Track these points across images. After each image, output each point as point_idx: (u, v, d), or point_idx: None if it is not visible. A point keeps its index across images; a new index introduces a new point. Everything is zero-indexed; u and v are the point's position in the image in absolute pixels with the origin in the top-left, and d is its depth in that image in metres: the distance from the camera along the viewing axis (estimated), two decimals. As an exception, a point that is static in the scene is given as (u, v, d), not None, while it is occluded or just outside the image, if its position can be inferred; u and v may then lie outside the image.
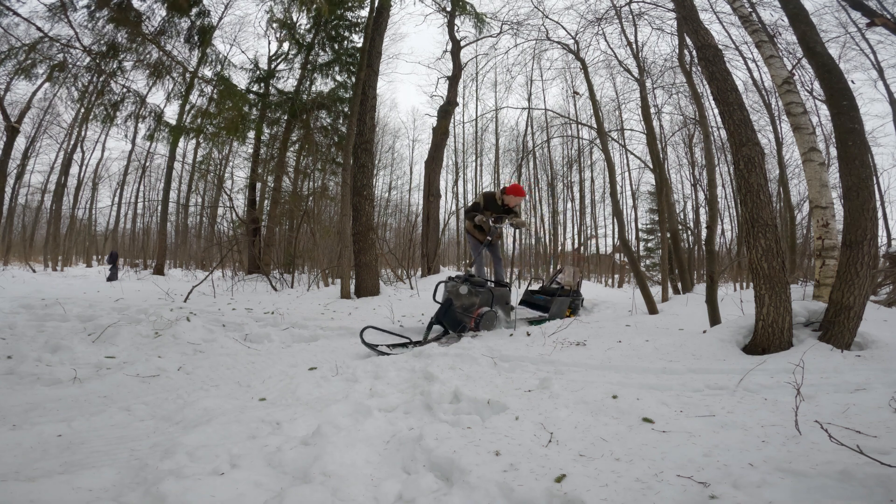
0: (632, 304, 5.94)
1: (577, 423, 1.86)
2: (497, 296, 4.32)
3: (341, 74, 9.79)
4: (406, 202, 23.38)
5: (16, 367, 2.66)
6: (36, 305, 4.80)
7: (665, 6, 7.08)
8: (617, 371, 2.76)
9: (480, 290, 4.19)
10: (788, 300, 2.99)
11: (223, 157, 15.67)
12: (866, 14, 5.06)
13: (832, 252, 3.77)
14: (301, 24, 9.69)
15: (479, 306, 4.12)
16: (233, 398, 2.29)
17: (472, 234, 5.11)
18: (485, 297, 4.17)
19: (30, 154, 17.70)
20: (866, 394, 2.14)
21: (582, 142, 19.45)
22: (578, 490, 1.29)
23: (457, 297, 4.16)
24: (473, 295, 4.15)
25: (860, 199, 2.96)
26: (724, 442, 1.64)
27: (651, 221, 21.45)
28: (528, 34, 9.75)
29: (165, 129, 7.11)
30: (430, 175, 11.06)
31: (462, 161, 21.61)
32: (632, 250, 8.44)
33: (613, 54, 8.50)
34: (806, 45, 3.57)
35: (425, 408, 2.14)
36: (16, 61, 5.97)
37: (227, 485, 1.36)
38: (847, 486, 1.23)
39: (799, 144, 4.17)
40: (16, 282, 9.29)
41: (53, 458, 1.55)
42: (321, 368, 2.98)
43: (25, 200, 20.33)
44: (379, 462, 1.58)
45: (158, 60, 6.31)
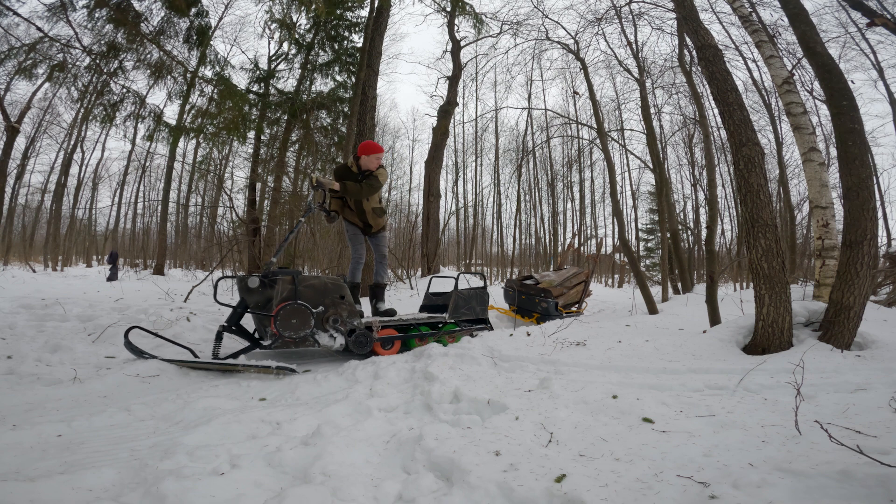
0: (632, 304, 5.95)
1: (577, 423, 1.86)
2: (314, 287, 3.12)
3: (341, 74, 9.79)
4: (406, 202, 23.41)
5: (16, 367, 2.65)
6: (36, 305, 4.80)
7: (665, 6, 7.09)
8: (617, 371, 2.75)
9: (278, 278, 3.07)
10: (788, 300, 2.99)
11: (223, 157, 15.67)
12: (866, 14, 5.06)
13: (832, 252, 3.77)
14: (301, 24, 9.69)
15: (280, 301, 2.99)
16: (233, 398, 2.29)
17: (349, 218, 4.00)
18: (285, 287, 3.02)
19: (30, 154, 17.71)
20: (866, 394, 2.14)
21: (582, 142, 19.46)
22: (578, 490, 1.29)
23: (248, 293, 3.08)
24: (268, 287, 3.08)
25: (860, 199, 2.96)
26: (724, 442, 1.64)
27: (651, 221, 21.47)
28: (527, 34, 9.77)
29: (165, 130, 7.12)
30: (430, 175, 11.06)
31: (462, 161, 21.63)
32: (632, 250, 8.43)
33: (613, 54, 8.51)
34: (806, 45, 3.57)
35: (425, 408, 2.14)
36: (16, 61, 5.98)
37: (227, 485, 1.36)
38: (847, 486, 1.22)
39: (799, 144, 4.17)
40: (16, 282, 9.29)
41: (53, 457, 1.55)
42: (319, 368, 2.98)
43: (25, 200, 20.34)
44: (379, 462, 1.58)
45: (158, 60, 6.31)
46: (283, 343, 2.97)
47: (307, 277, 3.13)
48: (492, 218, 21.64)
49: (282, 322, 2.91)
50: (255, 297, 3.08)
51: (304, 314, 2.97)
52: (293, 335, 2.94)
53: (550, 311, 5.16)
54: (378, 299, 4.08)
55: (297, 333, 2.95)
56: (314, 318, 3.00)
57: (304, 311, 2.97)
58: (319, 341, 3.06)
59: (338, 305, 3.16)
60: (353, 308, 3.24)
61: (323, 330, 3.08)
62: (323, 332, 3.08)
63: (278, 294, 3.02)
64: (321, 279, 3.18)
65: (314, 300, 3.07)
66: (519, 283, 5.68)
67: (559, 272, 5.92)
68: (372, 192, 3.76)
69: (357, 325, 3.25)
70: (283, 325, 2.91)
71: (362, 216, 3.93)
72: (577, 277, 5.77)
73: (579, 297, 5.75)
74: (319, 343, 3.06)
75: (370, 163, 3.79)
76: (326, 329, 3.09)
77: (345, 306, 3.19)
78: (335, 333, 3.11)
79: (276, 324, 2.90)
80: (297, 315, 2.95)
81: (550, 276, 5.68)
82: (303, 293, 3.03)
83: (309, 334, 2.99)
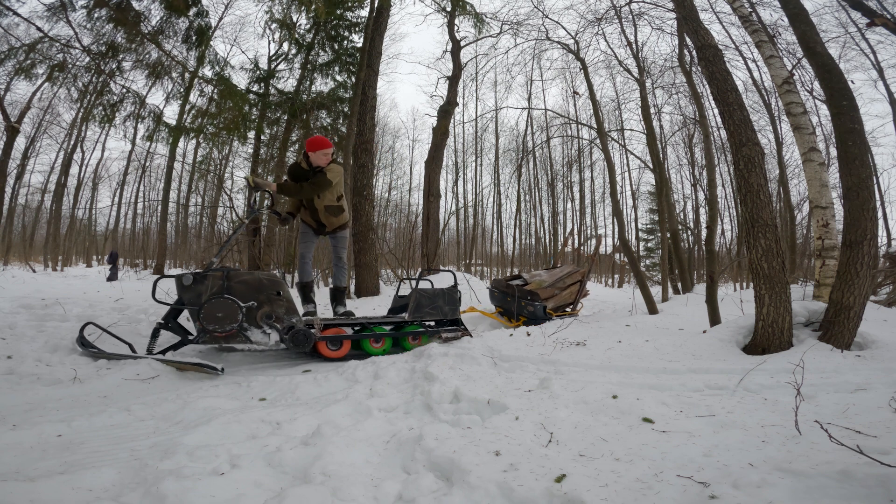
0: (632, 304, 5.94)
1: (577, 423, 1.86)
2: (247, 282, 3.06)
3: (341, 74, 9.79)
4: (406, 202, 23.41)
5: (16, 367, 2.65)
6: (36, 305, 4.80)
7: (665, 6, 7.09)
8: (617, 371, 2.76)
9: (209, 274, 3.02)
10: (788, 300, 2.99)
11: (223, 157, 15.67)
12: (866, 14, 5.06)
13: (832, 252, 3.77)
14: (301, 24, 9.69)
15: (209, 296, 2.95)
16: (233, 398, 2.29)
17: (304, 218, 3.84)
18: (215, 282, 2.98)
19: (30, 154, 17.71)
20: (866, 394, 2.14)
21: (582, 142, 19.46)
22: (578, 490, 1.29)
23: (184, 290, 3.04)
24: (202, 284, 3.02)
25: (860, 199, 2.96)
26: (724, 442, 1.64)
27: (651, 221, 21.47)
28: (527, 34, 9.77)
29: (165, 130, 7.11)
30: (430, 175, 11.05)
31: (462, 161, 21.62)
32: (632, 250, 8.42)
33: (613, 54, 8.51)
34: (806, 45, 3.57)
35: (425, 408, 2.15)
36: (16, 61, 5.97)
37: (227, 485, 1.36)
38: (847, 486, 1.23)
39: (799, 144, 4.18)
40: (16, 282, 9.29)
41: (53, 457, 1.55)
42: (319, 368, 2.98)
43: (25, 200, 20.34)
44: (379, 462, 1.58)
45: (158, 60, 6.31)
46: (212, 338, 2.93)
47: (240, 273, 3.07)
48: (492, 218, 21.64)
49: (206, 316, 2.87)
50: (190, 294, 3.02)
51: (231, 308, 2.90)
52: (218, 329, 2.88)
53: (537, 316, 4.82)
54: (337, 303, 3.91)
55: (223, 328, 2.89)
56: (243, 314, 2.93)
57: (230, 306, 2.90)
58: (251, 337, 3.00)
59: (273, 302, 3.09)
60: (290, 305, 3.15)
61: (256, 326, 3.02)
62: (256, 329, 3.02)
63: (208, 289, 2.98)
64: (255, 275, 3.11)
65: (246, 295, 3.01)
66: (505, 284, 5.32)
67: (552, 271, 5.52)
68: (315, 191, 3.57)
69: (296, 323, 3.13)
70: (208, 319, 2.87)
71: (315, 215, 3.74)
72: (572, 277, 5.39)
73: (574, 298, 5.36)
74: (251, 339, 3.01)
75: (318, 159, 3.62)
76: (260, 325, 3.03)
77: (281, 303, 3.11)
78: (269, 330, 3.05)
79: (201, 317, 2.87)
80: (222, 309, 2.89)
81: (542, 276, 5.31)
82: (234, 288, 2.99)
83: (237, 329, 2.93)
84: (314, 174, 3.63)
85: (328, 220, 3.78)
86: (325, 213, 3.73)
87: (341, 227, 3.87)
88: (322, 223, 3.78)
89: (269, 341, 3.06)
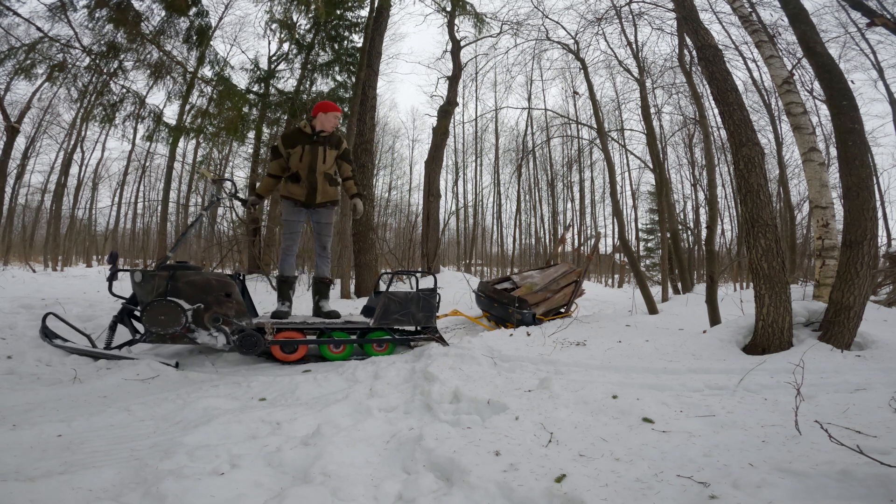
0: (632, 303, 5.94)
1: (577, 423, 1.86)
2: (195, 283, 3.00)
3: (341, 74, 9.79)
4: (406, 202, 23.40)
5: (16, 367, 2.65)
6: (36, 305, 4.80)
7: (665, 6, 7.09)
8: (617, 371, 2.76)
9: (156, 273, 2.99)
10: (788, 300, 2.99)
11: (223, 157, 15.67)
12: (866, 14, 5.06)
13: (832, 252, 3.77)
14: (301, 24, 9.69)
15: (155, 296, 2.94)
16: (233, 398, 2.29)
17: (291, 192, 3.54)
18: (160, 282, 2.94)
19: (30, 154, 17.70)
20: (866, 394, 2.14)
21: (582, 142, 19.46)
22: (578, 490, 1.29)
23: (136, 287, 3.03)
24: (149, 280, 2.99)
25: (860, 199, 2.96)
26: (724, 442, 1.64)
27: (651, 221, 21.47)
28: (527, 34, 9.76)
29: (165, 130, 7.12)
30: (430, 175, 11.06)
31: (462, 161, 21.61)
32: (632, 250, 8.42)
33: (613, 54, 8.51)
34: (806, 45, 3.57)
35: (425, 408, 2.14)
36: (16, 61, 5.98)
37: (227, 485, 1.36)
38: (847, 486, 1.23)
39: (799, 144, 4.17)
40: (16, 282, 9.28)
41: (53, 457, 1.55)
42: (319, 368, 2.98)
43: (25, 200, 20.33)
44: (379, 462, 1.58)
45: (158, 61, 6.32)
46: (158, 338, 2.93)
47: (188, 273, 3.01)
48: (492, 218, 21.63)
49: (148, 318, 2.85)
50: (141, 291, 3.01)
51: (174, 311, 2.86)
52: (161, 331, 2.87)
53: (526, 322, 4.52)
54: (322, 296, 3.69)
55: (166, 330, 2.87)
56: (186, 317, 2.89)
57: (173, 309, 2.86)
58: (197, 339, 2.98)
59: (222, 304, 3.04)
60: (240, 307, 3.11)
61: (204, 328, 2.99)
62: (203, 330, 2.99)
63: (154, 289, 2.95)
64: (204, 275, 3.06)
65: (193, 297, 2.98)
66: (491, 289, 4.95)
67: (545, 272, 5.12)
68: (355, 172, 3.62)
69: (246, 326, 3.08)
70: (150, 321, 2.86)
71: (311, 180, 3.47)
72: (567, 278, 5.01)
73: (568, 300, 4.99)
74: (197, 341, 2.99)
75: (327, 122, 3.43)
76: (207, 327, 2.99)
77: (231, 305, 3.07)
78: (216, 332, 3.01)
79: (143, 319, 2.87)
80: (164, 312, 2.86)
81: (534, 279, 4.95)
82: (181, 289, 2.96)
83: (180, 332, 2.91)
84: (317, 137, 3.48)
85: (324, 189, 3.53)
86: (324, 180, 3.53)
87: (332, 202, 3.63)
88: (316, 191, 3.50)
89: (217, 343, 3.02)
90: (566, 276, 5.01)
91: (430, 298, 3.67)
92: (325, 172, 3.53)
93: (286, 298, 3.57)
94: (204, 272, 3.11)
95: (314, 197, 3.52)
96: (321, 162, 3.50)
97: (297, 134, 3.51)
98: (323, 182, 3.53)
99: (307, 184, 3.50)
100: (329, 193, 3.58)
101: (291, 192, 3.52)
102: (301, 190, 3.51)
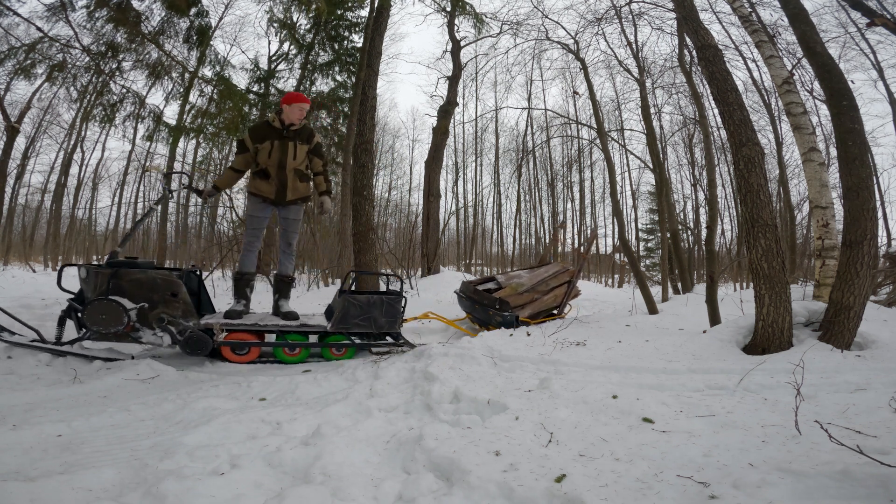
0: (632, 303, 5.94)
1: (577, 423, 1.86)
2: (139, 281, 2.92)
3: (341, 74, 9.80)
4: (406, 202, 23.37)
5: (16, 367, 2.65)
6: (36, 305, 4.80)
7: (665, 6, 7.09)
8: (617, 371, 2.76)
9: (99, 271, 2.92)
10: (788, 300, 2.99)
11: (223, 157, 15.66)
12: (866, 14, 5.06)
13: (832, 252, 3.77)
14: (301, 24, 9.70)
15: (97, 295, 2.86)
16: (233, 398, 2.29)
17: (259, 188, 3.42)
18: (102, 280, 2.88)
19: (30, 154, 17.70)
20: (866, 394, 2.14)
21: (582, 142, 19.45)
22: (578, 490, 1.29)
23: (83, 282, 2.99)
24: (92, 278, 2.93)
25: (860, 199, 2.96)
26: (724, 442, 1.64)
27: (651, 221, 21.47)
28: (527, 34, 9.77)
29: (165, 130, 7.12)
30: (430, 175, 11.06)
31: (462, 161, 21.60)
32: (632, 250, 8.41)
33: (613, 54, 8.52)
34: (806, 45, 3.58)
35: (425, 408, 2.14)
36: (15, 61, 5.98)
37: (227, 485, 1.36)
38: (847, 486, 1.23)
39: (799, 144, 4.17)
40: (16, 282, 9.28)
41: (53, 458, 1.55)
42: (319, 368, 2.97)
43: (25, 200, 20.32)
44: (379, 462, 1.58)
45: (158, 60, 6.32)
46: (101, 336, 2.88)
47: (133, 271, 2.93)
48: (492, 218, 21.62)
49: (89, 317, 2.79)
50: (86, 287, 2.95)
51: (115, 311, 2.79)
52: (103, 330, 2.81)
53: (507, 325, 4.31)
54: (282, 295, 3.56)
55: (107, 329, 2.80)
56: (128, 316, 2.81)
57: (114, 308, 2.78)
58: (142, 338, 2.95)
59: (168, 303, 2.98)
60: (188, 308, 3.03)
61: (149, 327, 2.93)
62: (148, 329, 2.94)
63: (97, 287, 2.88)
64: (149, 274, 2.96)
65: (138, 295, 2.91)
66: (472, 289, 4.70)
67: (535, 272, 4.88)
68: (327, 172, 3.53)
69: (192, 326, 2.99)
70: (90, 320, 2.79)
71: (281, 177, 3.35)
72: (558, 278, 4.77)
73: (560, 301, 4.78)
74: (142, 340, 2.95)
75: (292, 114, 3.30)
76: (153, 326, 2.93)
77: (177, 305, 3.00)
78: (161, 332, 2.95)
79: (83, 318, 2.80)
80: (105, 311, 2.79)
81: (521, 279, 4.69)
82: (125, 288, 2.89)
83: (122, 331, 2.84)
84: (287, 132, 3.35)
85: (294, 186, 3.41)
86: (294, 176, 3.40)
87: (302, 199, 3.51)
88: (286, 188, 3.38)
89: (163, 343, 2.97)
90: (558, 277, 4.80)
91: (394, 303, 3.48)
92: (295, 168, 3.40)
93: (242, 297, 3.45)
94: (149, 270, 3.02)
95: (284, 194, 3.40)
96: (291, 158, 3.37)
97: (266, 128, 3.37)
98: (293, 179, 3.41)
99: (276, 181, 3.37)
100: (299, 190, 3.46)
101: (259, 189, 3.40)
102: (270, 187, 3.38)
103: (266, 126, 3.38)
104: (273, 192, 3.39)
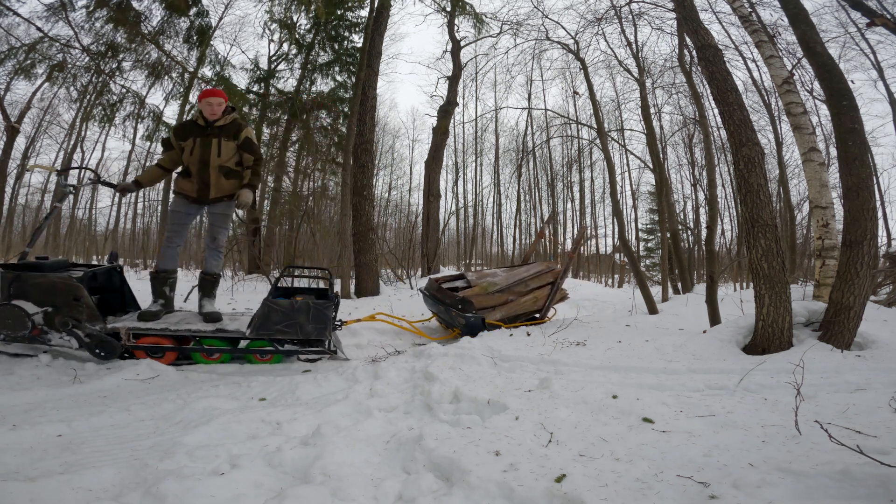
0: (632, 304, 5.94)
1: (577, 423, 1.86)
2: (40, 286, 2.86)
3: (341, 74, 9.81)
4: (406, 202, 23.36)
5: (16, 368, 2.65)
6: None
7: (665, 6, 7.09)
8: (617, 371, 2.76)
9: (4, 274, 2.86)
10: (788, 300, 2.99)
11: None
12: (866, 14, 5.07)
13: (832, 252, 3.77)
14: (301, 24, 9.71)
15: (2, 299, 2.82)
16: (233, 398, 2.29)
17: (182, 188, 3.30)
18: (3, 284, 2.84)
19: (30, 154, 17.69)
20: (866, 394, 2.14)
21: (582, 142, 19.45)
22: (578, 490, 1.29)
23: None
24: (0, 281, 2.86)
25: (860, 199, 2.96)
26: (724, 442, 1.64)
27: (651, 221, 21.46)
28: (527, 34, 9.76)
29: (165, 129, 7.12)
30: (430, 175, 11.06)
31: (462, 161, 21.59)
32: (632, 250, 8.42)
33: (613, 54, 8.51)
34: (806, 45, 3.58)
35: (425, 408, 2.14)
36: (16, 61, 5.98)
37: (227, 485, 1.36)
38: (847, 486, 1.23)
39: (799, 144, 4.17)
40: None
41: (53, 458, 1.55)
42: (319, 368, 2.97)
43: (25, 200, 20.32)
44: (379, 462, 1.58)
45: (157, 60, 6.32)
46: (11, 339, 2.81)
47: (34, 276, 2.87)
48: (492, 218, 21.62)
49: None
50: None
51: (18, 316, 2.74)
52: (10, 334, 2.76)
53: (472, 329, 3.97)
54: (206, 295, 3.39)
55: (14, 333, 2.75)
56: (32, 321, 2.76)
57: (16, 313, 2.74)
58: (51, 341, 2.91)
59: (72, 307, 2.92)
60: (92, 312, 2.95)
61: (56, 330, 2.90)
62: (56, 333, 2.91)
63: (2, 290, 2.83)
64: (50, 278, 2.89)
65: (40, 300, 2.86)
66: (436, 287, 4.35)
67: (513, 271, 4.50)
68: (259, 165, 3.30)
69: (98, 331, 2.91)
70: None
71: (203, 175, 3.21)
72: (541, 279, 4.38)
73: (543, 304, 4.40)
74: (51, 343, 2.91)
75: (207, 109, 3.17)
76: (59, 330, 2.90)
77: (81, 309, 2.92)
78: (67, 336, 2.91)
79: None
80: (9, 315, 2.74)
81: (495, 277, 4.34)
82: (28, 291, 2.83)
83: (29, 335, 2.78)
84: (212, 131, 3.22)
85: (218, 183, 3.25)
86: (218, 174, 3.25)
87: (228, 197, 3.33)
88: (208, 186, 3.24)
89: (72, 347, 2.94)
90: (540, 277, 4.40)
91: (323, 309, 3.20)
92: (219, 166, 3.25)
93: (160, 296, 3.31)
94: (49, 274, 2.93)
95: (207, 193, 3.27)
96: (215, 155, 3.23)
97: (190, 126, 3.26)
98: (217, 176, 3.26)
99: (198, 179, 3.24)
100: (224, 188, 3.29)
101: (182, 188, 3.29)
102: (191, 186, 3.25)
103: (191, 123, 3.28)
104: (195, 191, 3.27)
